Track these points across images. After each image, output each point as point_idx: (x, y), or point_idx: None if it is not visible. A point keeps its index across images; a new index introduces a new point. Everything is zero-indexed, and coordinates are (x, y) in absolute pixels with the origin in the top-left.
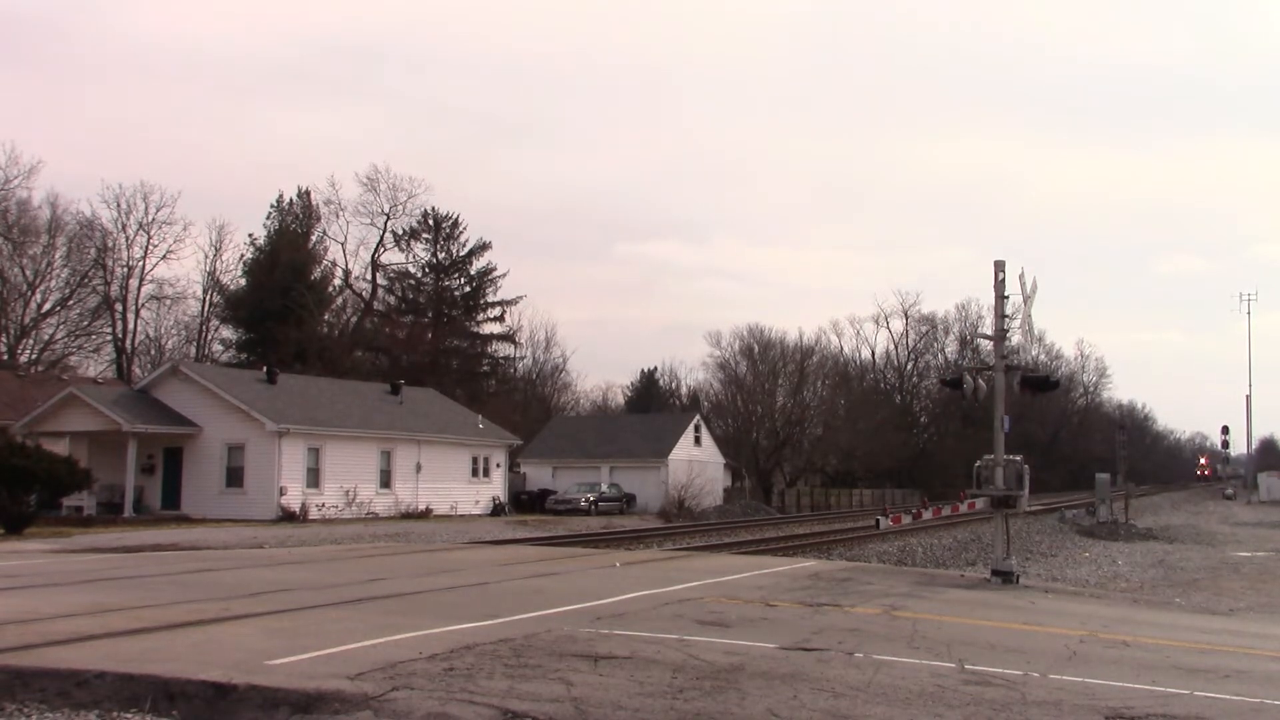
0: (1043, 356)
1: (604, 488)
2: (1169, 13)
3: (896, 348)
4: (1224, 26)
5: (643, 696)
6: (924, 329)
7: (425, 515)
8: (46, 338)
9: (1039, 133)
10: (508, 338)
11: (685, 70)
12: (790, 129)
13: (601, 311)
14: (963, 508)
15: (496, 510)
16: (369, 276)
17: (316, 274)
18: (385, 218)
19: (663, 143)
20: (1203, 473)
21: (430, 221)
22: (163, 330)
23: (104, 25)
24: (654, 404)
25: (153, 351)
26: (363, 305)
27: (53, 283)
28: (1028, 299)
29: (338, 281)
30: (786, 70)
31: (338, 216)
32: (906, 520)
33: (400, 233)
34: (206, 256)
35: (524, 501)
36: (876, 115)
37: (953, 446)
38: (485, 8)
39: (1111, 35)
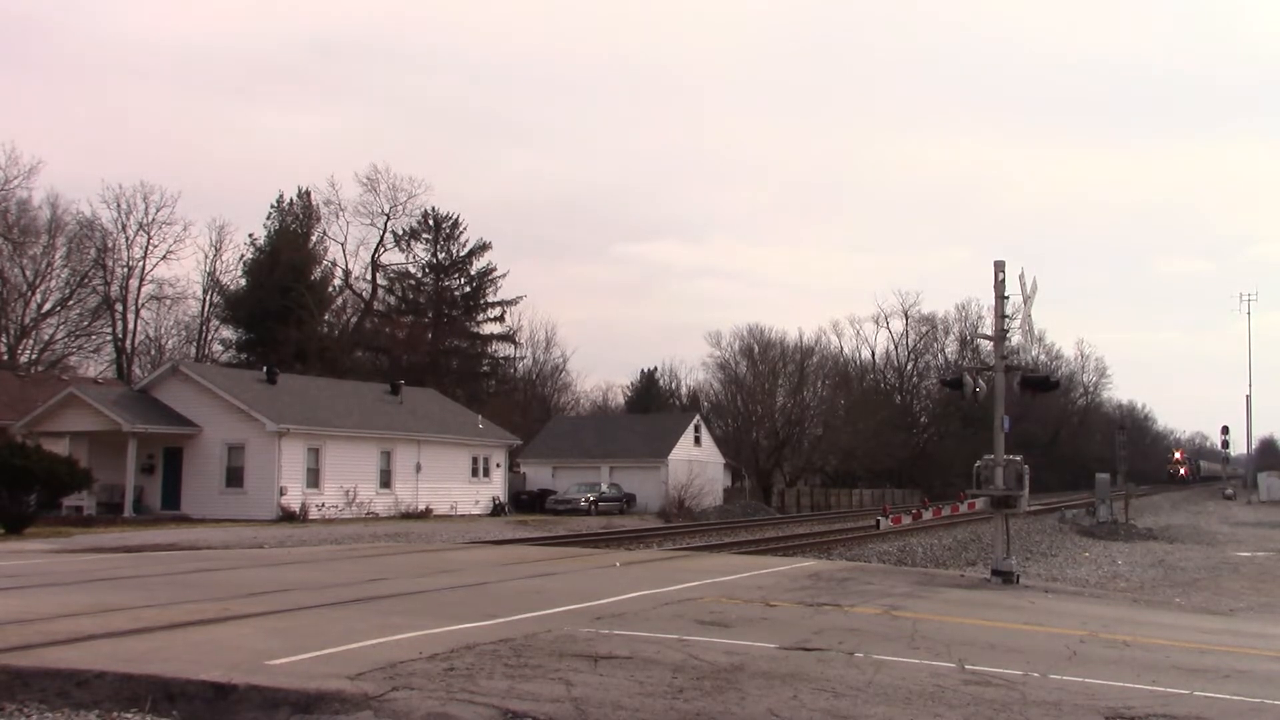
0: (1043, 356)
1: (604, 488)
2: (1171, 12)
3: (896, 348)
4: (1225, 26)
5: (643, 696)
6: (924, 329)
7: (425, 515)
8: (46, 338)
9: (1040, 133)
10: (508, 338)
11: (684, 70)
12: (789, 128)
13: (601, 311)
14: (963, 508)
15: (496, 510)
16: (369, 276)
17: (316, 274)
18: (385, 218)
19: (662, 142)
20: (1177, 471)
21: (430, 221)
22: (163, 330)
23: (104, 25)
24: (654, 404)
25: (153, 351)
26: (363, 305)
27: (53, 283)
28: (1028, 299)
29: (338, 281)
30: (785, 69)
31: (338, 216)
32: (906, 520)
33: (400, 233)
34: (206, 256)
35: (524, 501)
36: (876, 114)
37: (953, 446)
38: (485, 8)
39: (1112, 34)
